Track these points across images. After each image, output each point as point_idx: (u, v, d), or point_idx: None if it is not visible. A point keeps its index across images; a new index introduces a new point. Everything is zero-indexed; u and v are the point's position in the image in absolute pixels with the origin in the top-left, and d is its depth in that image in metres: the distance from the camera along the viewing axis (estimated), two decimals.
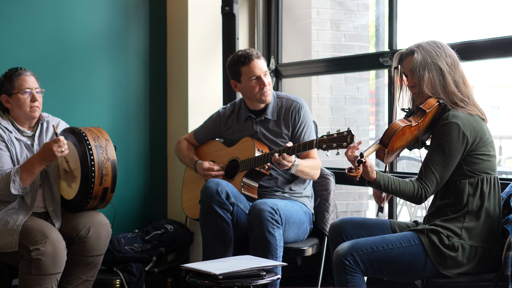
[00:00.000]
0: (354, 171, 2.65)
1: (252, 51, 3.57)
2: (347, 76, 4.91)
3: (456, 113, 2.72)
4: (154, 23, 4.55)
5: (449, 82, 2.76)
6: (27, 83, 3.37)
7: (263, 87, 3.55)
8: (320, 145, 3.13)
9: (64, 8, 4.23)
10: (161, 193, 4.62)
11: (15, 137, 3.38)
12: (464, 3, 4.87)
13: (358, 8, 4.95)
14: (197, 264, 2.84)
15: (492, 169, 2.76)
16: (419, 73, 2.78)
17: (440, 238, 2.69)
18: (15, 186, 3.23)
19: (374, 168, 2.73)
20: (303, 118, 3.59)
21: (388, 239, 2.75)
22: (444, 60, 2.78)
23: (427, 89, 2.78)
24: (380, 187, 2.74)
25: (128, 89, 4.47)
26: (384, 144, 2.73)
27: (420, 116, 2.75)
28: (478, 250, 2.70)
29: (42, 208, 3.40)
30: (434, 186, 2.72)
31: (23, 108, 3.37)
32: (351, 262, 2.71)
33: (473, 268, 2.70)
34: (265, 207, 3.27)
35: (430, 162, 2.72)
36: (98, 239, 3.33)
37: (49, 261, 3.15)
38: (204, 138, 3.86)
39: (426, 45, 2.80)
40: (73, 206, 3.40)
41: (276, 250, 3.26)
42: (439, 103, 2.76)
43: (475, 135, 2.71)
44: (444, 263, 2.68)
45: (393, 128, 2.73)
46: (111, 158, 3.34)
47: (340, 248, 2.76)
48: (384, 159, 2.76)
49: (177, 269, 4.21)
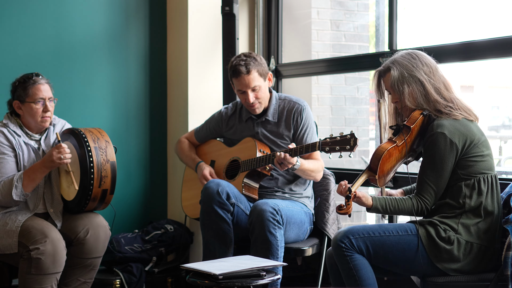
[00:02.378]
0: (344, 208, 2.67)
1: (242, 66, 3.47)
2: (347, 76, 4.91)
3: (440, 122, 2.74)
4: (154, 23, 4.55)
5: (430, 91, 2.77)
6: (41, 93, 3.33)
7: (248, 102, 3.52)
8: (323, 148, 3.13)
9: (64, 8, 4.23)
10: (161, 193, 4.62)
11: (23, 141, 3.37)
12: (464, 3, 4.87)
13: (358, 8, 4.95)
14: (197, 264, 2.84)
15: (488, 168, 2.76)
16: (399, 88, 2.80)
17: (436, 231, 2.71)
18: (17, 192, 3.23)
19: (368, 194, 2.75)
20: (305, 120, 3.58)
21: (385, 226, 2.78)
22: (422, 70, 2.79)
23: (409, 102, 2.80)
24: (379, 211, 2.77)
25: (128, 89, 4.47)
26: (373, 170, 2.75)
27: (406, 132, 2.77)
28: (473, 247, 2.70)
29: (42, 209, 3.40)
30: (433, 197, 2.75)
31: (35, 118, 3.35)
32: (347, 244, 2.74)
33: (468, 265, 2.71)
34: (267, 207, 3.27)
35: (424, 175, 2.75)
36: (97, 241, 3.33)
37: (49, 261, 3.15)
38: (205, 137, 3.86)
39: (400, 59, 2.82)
40: (72, 208, 3.39)
41: (277, 251, 3.26)
42: (423, 115, 2.78)
43: (464, 139, 2.72)
44: (439, 256, 2.69)
45: (379, 153, 2.74)
46: (110, 160, 3.33)
47: (336, 233, 2.80)
48: (378, 183, 2.77)
49: (177, 269, 4.21)
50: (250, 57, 3.52)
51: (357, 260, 2.74)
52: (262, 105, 3.58)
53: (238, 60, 3.53)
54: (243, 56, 3.54)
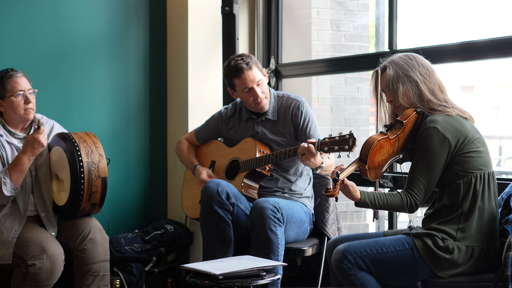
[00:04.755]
0: (331, 190, 2.64)
1: (242, 62, 3.50)
2: (347, 76, 4.91)
3: (434, 117, 2.73)
4: (154, 23, 4.55)
5: (424, 92, 2.78)
6: (20, 85, 3.33)
7: (257, 98, 3.54)
8: (322, 148, 3.13)
9: (64, 8, 4.23)
10: (161, 193, 4.62)
11: (6, 140, 3.35)
12: (464, 3, 4.87)
13: (358, 8, 4.95)
14: (197, 264, 2.84)
15: (485, 165, 2.75)
16: (393, 87, 2.81)
17: (434, 241, 2.69)
18: (7, 188, 3.22)
19: (357, 188, 2.72)
20: (306, 115, 3.58)
21: (381, 242, 2.75)
22: (417, 70, 2.80)
23: (403, 101, 2.80)
24: (367, 206, 2.74)
25: (128, 89, 4.47)
26: (363, 160, 2.72)
27: (398, 128, 2.76)
28: (474, 250, 2.69)
29: (34, 212, 3.39)
30: (423, 192, 2.72)
31: (17, 111, 3.34)
32: (347, 264, 2.72)
33: (470, 267, 2.70)
34: (267, 205, 3.27)
35: (415, 170, 2.73)
36: (95, 245, 3.33)
37: (45, 276, 3.15)
38: (205, 138, 3.86)
39: (397, 59, 2.83)
40: (63, 213, 3.42)
41: (278, 249, 3.26)
42: (417, 112, 2.78)
43: (457, 135, 2.71)
44: (439, 265, 2.68)
45: (368, 143, 2.72)
46: (102, 175, 3.33)
47: (335, 253, 2.77)
48: (368, 176, 2.74)
49: (177, 269, 4.21)
50: (244, 56, 3.57)
51: (362, 278, 2.72)
52: (268, 100, 3.59)
53: (235, 60, 3.54)
54: (237, 57, 3.57)
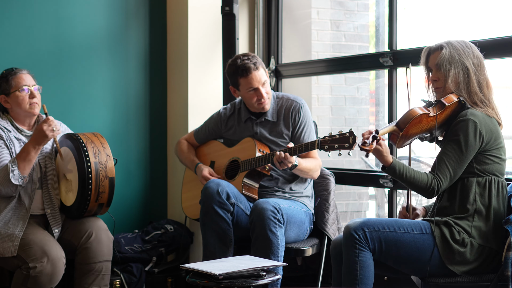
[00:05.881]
0: (367, 145, 2.66)
1: (249, 62, 3.50)
2: (347, 76, 4.91)
3: (474, 111, 2.75)
4: (154, 23, 4.55)
5: (473, 82, 2.79)
6: (24, 81, 3.38)
7: (261, 98, 3.54)
8: (322, 146, 3.13)
9: (64, 8, 4.22)
10: (161, 193, 4.62)
11: (14, 136, 3.38)
12: (464, 3, 4.87)
13: (358, 8, 4.95)
14: (197, 264, 2.84)
15: (501, 173, 2.78)
16: (446, 68, 2.80)
17: (451, 232, 2.70)
18: (14, 176, 3.23)
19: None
20: (303, 118, 3.59)
21: (400, 222, 2.76)
22: (471, 60, 2.80)
23: (452, 84, 2.80)
24: (395, 173, 2.75)
25: (128, 89, 4.47)
26: (400, 128, 2.74)
27: (439, 108, 2.76)
28: (485, 250, 2.70)
29: (41, 210, 3.40)
30: (448, 180, 2.73)
31: (23, 106, 3.37)
32: (361, 236, 2.71)
33: (478, 267, 2.71)
34: (268, 206, 3.27)
35: (445, 156, 2.73)
36: (100, 244, 3.33)
37: (46, 279, 3.16)
38: (204, 138, 3.86)
39: (455, 43, 2.83)
40: (71, 213, 3.43)
41: (278, 249, 3.26)
42: (459, 100, 2.78)
43: (490, 135, 2.73)
44: (451, 258, 2.68)
45: (411, 114, 2.74)
46: (109, 176, 3.35)
47: (351, 222, 2.77)
48: (397, 143, 2.76)
49: (177, 269, 4.20)
50: (250, 55, 3.56)
51: (364, 257, 2.71)
52: (270, 100, 3.59)
53: (241, 60, 3.53)
54: (243, 56, 3.55)
